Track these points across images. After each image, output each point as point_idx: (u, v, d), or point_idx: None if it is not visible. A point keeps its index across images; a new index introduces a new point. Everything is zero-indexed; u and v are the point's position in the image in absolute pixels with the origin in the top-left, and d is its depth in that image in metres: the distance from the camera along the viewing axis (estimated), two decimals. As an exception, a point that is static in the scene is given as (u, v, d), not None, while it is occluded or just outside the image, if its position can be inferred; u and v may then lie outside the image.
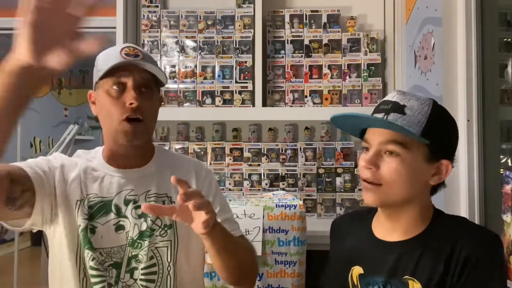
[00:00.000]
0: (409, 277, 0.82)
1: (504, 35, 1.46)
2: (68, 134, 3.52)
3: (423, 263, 0.82)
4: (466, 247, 0.79)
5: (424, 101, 0.84)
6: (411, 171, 0.82)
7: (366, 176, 0.84)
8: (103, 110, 1.02)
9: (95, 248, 0.99)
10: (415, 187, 0.83)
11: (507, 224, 1.20)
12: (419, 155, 0.82)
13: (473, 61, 1.39)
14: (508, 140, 1.45)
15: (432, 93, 1.71)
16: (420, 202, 0.86)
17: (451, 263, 0.79)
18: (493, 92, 1.41)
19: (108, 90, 0.99)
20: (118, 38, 2.22)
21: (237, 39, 2.26)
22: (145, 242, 1.01)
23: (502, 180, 1.25)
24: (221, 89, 2.25)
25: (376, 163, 0.83)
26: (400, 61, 2.20)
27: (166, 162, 1.12)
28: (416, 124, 0.81)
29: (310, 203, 2.20)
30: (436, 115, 0.83)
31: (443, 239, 0.82)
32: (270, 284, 1.67)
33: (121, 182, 1.04)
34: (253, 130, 2.29)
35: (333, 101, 2.24)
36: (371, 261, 0.89)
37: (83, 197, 1.01)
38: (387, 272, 0.85)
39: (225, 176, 2.23)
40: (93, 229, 1.00)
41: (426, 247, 0.83)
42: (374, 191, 0.84)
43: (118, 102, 0.98)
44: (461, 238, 0.80)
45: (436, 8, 1.67)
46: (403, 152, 0.81)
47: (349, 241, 0.97)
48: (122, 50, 1.00)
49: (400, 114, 0.82)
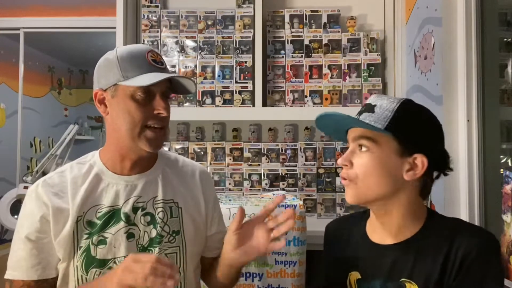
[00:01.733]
0: (406, 280, 0.83)
1: (504, 35, 1.46)
2: (68, 134, 3.52)
3: (419, 265, 0.82)
4: (463, 247, 0.79)
5: (394, 100, 0.87)
6: (381, 165, 0.84)
7: (342, 173, 0.89)
8: (123, 114, 0.97)
9: (107, 260, 0.97)
10: (388, 182, 0.84)
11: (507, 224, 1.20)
12: (389, 149, 0.84)
13: (473, 61, 1.39)
14: (508, 140, 1.45)
15: (432, 93, 1.71)
16: (404, 200, 0.86)
17: (448, 263, 0.79)
18: (493, 92, 1.41)
19: (133, 95, 0.96)
20: (118, 38, 2.22)
21: (237, 39, 2.26)
22: (155, 249, 1.00)
23: (502, 180, 1.25)
24: (221, 89, 2.25)
25: (350, 160, 0.87)
26: (400, 61, 2.20)
27: (169, 166, 1.11)
28: (382, 120, 0.84)
29: (310, 203, 2.20)
30: (403, 110, 0.84)
31: (439, 239, 0.82)
32: (270, 284, 1.67)
33: (127, 189, 1.02)
34: (253, 130, 2.29)
35: (333, 101, 2.24)
36: (367, 265, 0.90)
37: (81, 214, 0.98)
38: (384, 275, 0.86)
39: (225, 176, 2.23)
40: (103, 240, 0.97)
41: (421, 248, 0.84)
42: (351, 188, 0.87)
43: (145, 109, 0.96)
44: (458, 237, 0.81)
45: (436, 8, 1.67)
46: (372, 146, 0.84)
47: (345, 246, 0.97)
48: (148, 55, 0.98)
49: (370, 112, 0.86)
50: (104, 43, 3.70)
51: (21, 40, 3.46)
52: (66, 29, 2.88)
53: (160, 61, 1.00)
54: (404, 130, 0.84)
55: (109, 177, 1.02)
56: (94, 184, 1.01)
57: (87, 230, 0.97)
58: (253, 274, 1.67)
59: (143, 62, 0.96)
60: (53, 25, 2.88)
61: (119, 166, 1.03)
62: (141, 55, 0.97)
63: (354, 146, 0.88)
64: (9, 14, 2.90)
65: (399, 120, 0.84)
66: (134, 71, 0.95)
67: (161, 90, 0.98)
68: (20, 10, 2.89)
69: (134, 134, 0.97)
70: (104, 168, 1.03)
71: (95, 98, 1.01)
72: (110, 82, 0.97)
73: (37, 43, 4.10)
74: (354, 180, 0.86)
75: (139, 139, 0.97)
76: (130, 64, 0.96)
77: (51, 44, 4.22)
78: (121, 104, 0.97)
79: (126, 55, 0.97)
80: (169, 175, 1.08)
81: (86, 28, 2.82)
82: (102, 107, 1.00)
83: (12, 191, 3.20)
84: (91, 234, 0.97)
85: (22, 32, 3.26)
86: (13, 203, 3.17)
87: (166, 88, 1.00)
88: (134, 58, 0.97)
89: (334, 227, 1.07)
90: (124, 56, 0.97)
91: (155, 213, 1.02)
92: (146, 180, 1.04)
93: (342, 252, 0.97)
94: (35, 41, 3.94)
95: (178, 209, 1.05)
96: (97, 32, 2.89)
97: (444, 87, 1.55)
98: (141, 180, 1.04)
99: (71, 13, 2.78)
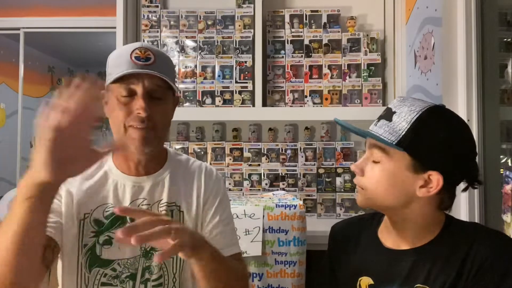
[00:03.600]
0: (421, 285, 0.80)
1: (504, 35, 1.46)
2: (68, 134, 3.51)
3: (436, 271, 0.79)
4: (481, 251, 0.76)
5: (415, 108, 0.79)
6: (391, 180, 0.80)
7: (355, 179, 0.87)
8: (112, 114, 0.97)
9: (110, 261, 0.97)
10: (398, 196, 0.80)
11: (507, 224, 1.20)
12: (402, 164, 0.79)
13: (473, 61, 1.39)
14: (508, 140, 1.45)
15: (432, 93, 1.71)
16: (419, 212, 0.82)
17: (465, 267, 0.76)
18: (493, 92, 1.41)
19: (118, 95, 0.95)
20: (118, 38, 2.22)
21: (237, 39, 2.26)
22: (156, 252, 0.99)
23: (502, 180, 1.25)
24: (221, 89, 2.25)
25: (362, 169, 0.84)
26: (400, 61, 2.20)
27: (178, 168, 1.09)
28: (396, 132, 0.78)
29: (310, 203, 2.20)
30: (421, 123, 0.77)
31: (457, 244, 0.79)
32: (270, 284, 1.67)
33: (134, 190, 1.01)
34: (253, 130, 2.29)
35: (333, 101, 2.24)
36: (381, 271, 0.86)
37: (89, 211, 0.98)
38: (398, 281, 0.82)
39: (225, 176, 2.23)
40: (109, 240, 0.97)
41: (438, 254, 0.80)
42: (361, 193, 0.85)
43: (126, 109, 0.94)
44: (476, 241, 0.78)
45: (436, 8, 1.67)
46: (384, 158, 0.80)
47: (355, 250, 0.93)
48: (133, 53, 0.95)
49: (387, 120, 0.80)
50: (104, 43, 3.68)
51: (21, 40, 3.45)
52: (66, 29, 2.88)
53: (145, 57, 0.96)
54: (418, 146, 0.77)
55: (117, 176, 1.02)
56: (102, 181, 1.01)
57: (94, 228, 0.97)
58: (253, 274, 1.67)
59: (124, 60, 0.94)
60: (53, 25, 2.88)
61: (125, 166, 1.03)
62: (125, 53, 0.96)
63: (369, 154, 0.84)
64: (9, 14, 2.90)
65: (413, 134, 0.77)
66: (115, 70, 0.95)
67: (143, 90, 0.94)
68: (20, 10, 2.89)
69: (120, 134, 0.96)
70: (114, 167, 1.03)
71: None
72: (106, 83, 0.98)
73: (37, 43, 4.09)
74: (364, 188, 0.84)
75: (126, 139, 0.96)
76: (113, 63, 0.97)
77: (51, 44, 4.21)
78: (110, 104, 0.97)
79: (113, 56, 0.99)
80: (176, 178, 1.07)
81: (86, 28, 2.82)
82: (106, 108, 1.01)
83: (12, 191, 3.19)
84: (97, 233, 0.97)
85: (22, 32, 3.25)
86: (13, 203, 3.17)
87: (154, 85, 0.95)
88: (118, 58, 0.97)
89: (342, 229, 1.02)
90: (112, 57, 0.98)
91: None
92: (153, 182, 1.03)
93: (352, 256, 0.93)
94: (35, 41, 3.93)
95: (179, 213, 1.04)
96: (97, 32, 2.88)
97: (444, 87, 1.55)
98: (148, 182, 1.03)
99: (71, 13, 2.78)
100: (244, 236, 1.65)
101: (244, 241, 1.64)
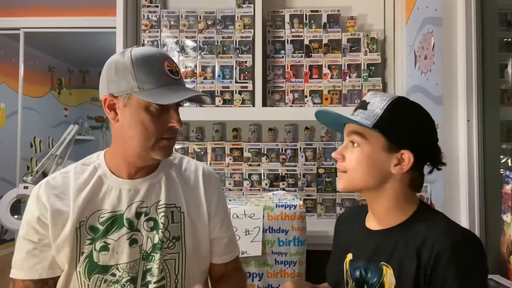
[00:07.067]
0: (384, 263, 0.88)
1: (504, 35, 1.46)
2: (68, 134, 3.52)
3: (396, 252, 0.88)
4: (437, 244, 0.82)
5: (386, 98, 0.92)
6: (369, 160, 0.90)
7: (337, 164, 0.97)
8: (136, 124, 0.94)
9: (109, 266, 0.96)
10: (374, 174, 0.91)
11: (507, 224, 1.20)
12: (378, 145, 0.90)
13: (473, 61, 1.40)
14: (508, 140, 1.45)
15: (432, 93, 1.71)
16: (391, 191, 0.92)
17: (422, 257, 0.83)
18: (493, 92, 1.41)
19: (148, 106, 0.93)
20: (118, 38, 2.22)
21: (237, 39, 2.26)
22: (157, 255, 0.99)
23: (502, 180, 1.25)
24: (221, 89, 2.25)
25: (342, 154, 0.94)
26: (400, 61, 2.20)
27: (173, 168, 1.09)
28: (372, 117, 0.90)
29: (310, 203, 2.20)
30: (392, 108, 0.90)
31: (416, 232, 0.87)
32: (270, 284, 1.67)
33: (130, 194, 1.00)
34: (253, 130, 2.29)
35: (333, 101, 2.24)
36: (358, 248, 0.97)
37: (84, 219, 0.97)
38: (367, 257, 0.92)
39: (225, 176, 2.23)
40: (106, 246, 0.96)
41: (402, 237, 0.89)
42: (342, 177, 0.96)
43: (159, 121, 0.94)
44: (432, 234, 0.85)
45: (436, 8, 1.67)
46: (362, 142, 0.91)
47: (349, 232, 1.04)
48: (165, 65, 0.94)
49: (363, 109, 0.92)
50: (104, 43, 3.70)
51: (21, 40, 3.46)
52: (66, 29, 2.88)
53: (176, 70, 0.98)
54: (391, 127, 0.89)
55: (112, 180, 1.01)
56: (96, 187, 1.00)
57: (90, 235, 0.97)
58: (253, 274, 1.67)
59: (160, 73, 0.93)
60: (53, 25, 2.88)
61: (124, 171, 1.01)
62: (157, 64, 0.93)
63: (348, 141, 0.94)
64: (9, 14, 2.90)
65: (387, 118, 0.89)
66: (151, 83, 0.91)
67: (176, 104, 0.97)
68: (20, 10, 2.89)
69: (148, 146, 0.95)
70: (108, 171, 1.01)
71: (104, 103, 0.96)
72: (123, 89, 0.92)
73: (37, 43, 4.10)
74: (345, 171, 0.94)
75: (153, 149, 0.96)
76: (146, 75, 0.92)
77: (51, 44, 4.22)
78: (134, 114, 0.93)
79: (142, 62, 0.92)
80: (172, 178, 1.06)
81: (86, 28, 2.82)
82: (112, 114, 0.96)
83: (12, 191, 3.20)
84: (93, 239, 0.97)
85: (22, 32, 3.26)
86: (13, 203, 3.17)
87: None
88: (151, 68, 0.93)
89: (345, 213, 1.17)
90: (140, 64, 0.92)
91: (158, 218, 1.01)
92: (149, 184, 1.03)
93: (345, 237, 1.05)
94: (35, 41, 3.94)
95: (180, 214, 1.04)
96: (97, 32, 2.89)
97: (444, 87, 1.55)
98: (144, 184, 1.02)
99: (71, 13, 2.78)
100: (244, 236, 1.65)
101: (244, 241, 1.64)
